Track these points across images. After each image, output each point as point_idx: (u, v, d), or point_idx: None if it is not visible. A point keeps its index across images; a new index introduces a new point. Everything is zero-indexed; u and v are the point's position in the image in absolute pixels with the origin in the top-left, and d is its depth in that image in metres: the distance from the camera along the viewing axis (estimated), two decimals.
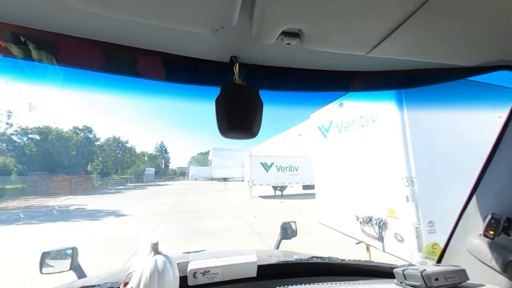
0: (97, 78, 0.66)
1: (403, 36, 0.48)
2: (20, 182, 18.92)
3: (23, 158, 22.66)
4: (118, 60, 0.60)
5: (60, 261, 1.01)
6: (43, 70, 0.61)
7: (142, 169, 41.46)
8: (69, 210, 10.68)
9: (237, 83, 0.61)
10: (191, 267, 0.75)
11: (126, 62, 0.61)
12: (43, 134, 25.24)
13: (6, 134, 19.96)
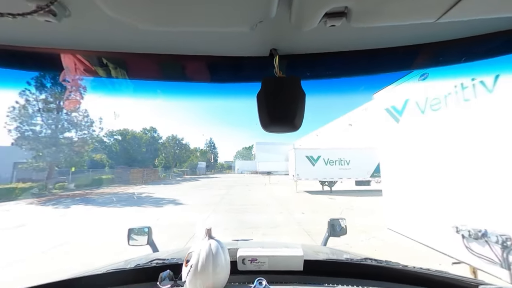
0: (157, 86, 0.78)
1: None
2: (110, 174, 24.41)
3: (111, 154, 29.15)
4: (171, 68, 0.69)
5: (140, 236, 1.26)
6: (119, 84, 0.76)
7: (195, 163, 46.77)
8: (142, 196, 13.12)
9: (278, 76, 0.60)
10: (240, 253, 0.81)
11: (177, 69, 0.69)
12: (123, 135, 31.69)
13: (99, 136, 26.15)
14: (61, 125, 17.84)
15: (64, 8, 0.43)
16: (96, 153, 26.02)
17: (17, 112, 15.87)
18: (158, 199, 11.71)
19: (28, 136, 16.15)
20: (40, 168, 17.07)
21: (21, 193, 13.62)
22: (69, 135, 18.39)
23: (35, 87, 16.01)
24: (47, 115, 17.14)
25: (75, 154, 18.64)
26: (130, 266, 0.84)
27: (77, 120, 18.80)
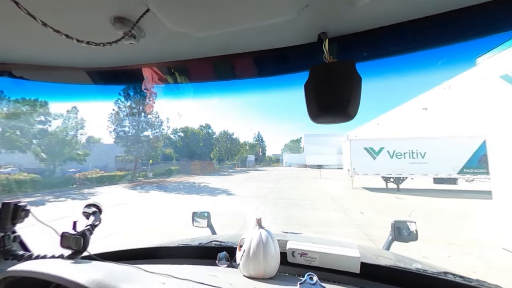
0: (210, 87, 0.86)
1: None
2: (176, 165, 28.85)
3: (176, 149, 34.37)
4: (222, 68, 0.74)
5: (201, 219, 1.45)
6: (181, 88, 0.87)
7: (245, 156, 49.49)
8: (200, 186, 14.94)
9: (328, 62, 0.55)
10: (289, 246, 0.81)
11: (227, 68, 0.73)
12: (184, 132, 36.70)
13: (167, 134, 31.28)
14: (141, 125, 22.28)
15: (141, 30, 0.53)
16: (166, 148, 31.34)
17: (113, 117, 20.78)
18: (213, 189, 13.09)
19: (121, 136, 20.99)
20: (129, 160, 22.02)
21: (119, 179, 17.97)
22: (146, 133, 22.81)
23: (124, 97, 20.46)
24: (132, 118, 21.72)
25: (151, 149, 23.01)
26: (195, 244, 0.98)
27: (152, 121, 23.03)
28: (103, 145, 25.97)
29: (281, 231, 1.07)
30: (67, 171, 17.37)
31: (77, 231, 0.75)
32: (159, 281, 0.62)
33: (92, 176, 16.34)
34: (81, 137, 19.87)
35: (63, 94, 0.95)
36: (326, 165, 35.71)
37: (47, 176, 15.28)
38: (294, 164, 46.60)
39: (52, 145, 16.14)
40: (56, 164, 16.63)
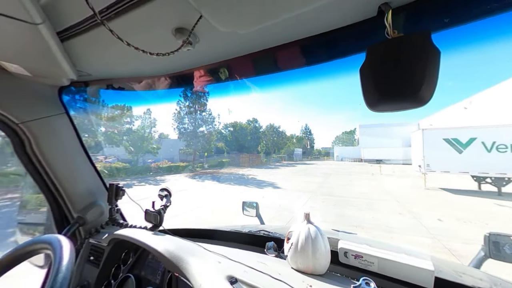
0: (257, 81, 0.87)
1: None
2: (227, 158, 31.27)
3: (227, 143, 37.17)
4: (268, 62, 0.74)
5: (250, 209, 1.54)
6: (231, 86, 0.93)
7: (292, 149, 48.67)
8: (248, 178, 15.68)
9: (392, 38, 0.46)
10: (341, 245, 0.76)
11: (273, 61, 0.73)
12: (234, 127, 39.18)
13: (219, 129, 34.26)
14: (197, 122, 25.16)
15: (196, 36, 0.59)
16: (218, 142, 34.40)
17: (176, 116, 24.25)
18: (260, 181, 13.54)
19: (182, 132, 24.35)
20: (189, 153, 25.39)
21: (182, 169, 21.03)
22: (202, 129, 25.63)
23: (183, 98, 23.48)
24: (190, 116, 24.80)
25: (206, 143, 25.77)
26: (245, 231, 1.05)
27: (205, 118, 25.66)
28: (170, 140, 30.80)
29: (331, 229, 1.01)
30: (146, 161, 21.62)
31: (155, 209, 0.93)
32: (215, 259, 0.70)
33: (163, 166, 19.80)
34: (154, 134, 24.23)
35: (141, 99, 1.17)
36: (387, 159, 30.90)
37: (133, 165, 19.47)
38: (347, 158, 42.54)
39: (135, 140, 20.35)
40: (139, 156, 20.94)
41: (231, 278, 0.59)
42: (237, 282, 0.59)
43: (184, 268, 0.63)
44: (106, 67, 0.83)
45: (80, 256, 0.95)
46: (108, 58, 0.76)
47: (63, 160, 0.97)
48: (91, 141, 14.79)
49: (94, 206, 1.03)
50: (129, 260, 0.84)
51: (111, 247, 0.87)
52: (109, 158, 19.84)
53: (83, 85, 0.98)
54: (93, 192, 1.06)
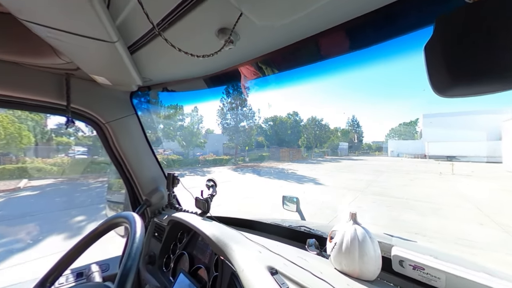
0: (296, 73, 0.84)
1: None
2: (267, 152, 31.64)
3: (267, 137, 37.53)
4: (309, 51, 0.70)
5: (290, 204, 1.53)
6: (270, 80, 0.92)
7: (336, 143, 45.26)
8: (288, 172, 15.48)
9: (473, 1, 0.36)
10: (396, 252, 0.67)
11: (315, 50, 0.68)
12: (273, 121, 39.13)
13: (259, 123, 34.86)
14: (239, 117, 26.29)
15: (237, 34, 0.61)
16: (258, 136, 35.16)
17: (220, 112, 25.94)
18: (301, 176, 13.19)
19: (225, 127, 25.93)
20: (232, 147, 26.92)
21: (226, 162, 22.55)
22: (243, 124, 26.68)
23: (225, 95, 24.86)
24: (232, 112, 26.10)
25: (247, 137, 26.74)
26: (285, 225, 1.06)
27: (246, 113, 26.53)
28: (215, 135, 33.35)
29: (383, 233, 0.90)
30: (195, 154, 24.14)
31: (203, 198, 1.03)
32: (256, 249, 0.73)
33: (209, 158, 21.71)
34: (201, 129, 26.63)
35: (190, 98, 1.30)
36: (463, 156, 25.03)
37: (185, 157, 22.06)
38: (405, 154, 36.67)
39: (186, 135, 22.89)
40: (189, 149, 23.53)
41: (272, 269, 0.61)
42: (277, 273, 0.60)
43: (228, 253, 0.69)
44: (162, 72, 0.95)
45: (148, 232, 1.15)
46: (163, 65, 0.87)
47: (134, 152, 1.18)
48: (153, 137, 17.50)
49: (157, 191, 1.23)
50: (184, 240, 0.97)
51: (170, 227, 1.03)
52: (166, 151, 23.04)
53: (146, 89, 1.16)
54: (156, 180, 1.26)
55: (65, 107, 0.92)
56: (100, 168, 13.29)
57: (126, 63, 0.72)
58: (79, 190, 9.29)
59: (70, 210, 6.23)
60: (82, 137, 17.43)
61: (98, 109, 1.04)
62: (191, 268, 0.83)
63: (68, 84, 0.91)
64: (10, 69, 0.79)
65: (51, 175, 11.80)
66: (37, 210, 6.18)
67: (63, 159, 14.07)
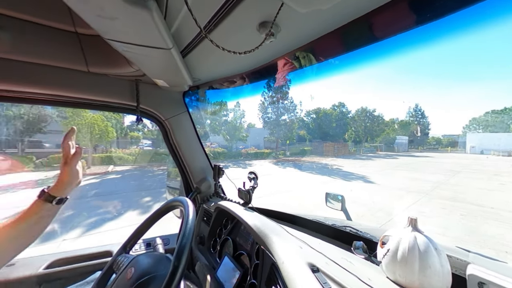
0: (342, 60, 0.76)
1: None
2: (309, 146, 30.33)
3: (309, 130, 35.86)
4: (357, 34, 0.62)
5: (334, 201, 1.44)
6: (313, 70, 0.87)
7: (392, 137, 39.28)
8: (332, 168, 14.46)
9: None
10: (474, 271, 0.55)
11: (365, 31, 0.60)
12: (316, 113, 36.98)
13: (301, 116, 33.51)
14: (279, 111, 26.04)
15: (278, 26, 0.59)
16: (300, 130, 34.03)
17: (261, 107, 26.27)
18: (347, 173, 12.14)
19: (266, 121, 26.16)
20: (273, 140, 27.03)
21: (267, 156, 22.90)
22: (284, 117, 26.32)
23: (266, 88, 24.86)
24: (273, 106, 26.04)
25: (288, 131, 26.30)
26: (328, 223, 1.00)
27: (287, 106, 25.99)
28: (256, 129, 34.15)
29: (455, 246, 0.75)
30: (238, 147, 25.41)
31: (245, 189, 1.08)
32: (297, 244, 0.72)
33: (250, 152, 22.50)
34: (243, 124, 27.68)
35: (233, 95, 1.36)
36: None
37: (229, 150, 23.53)
38: (493, 151, 28.72)
39: (230, 130, 24.28)
40: (233, 143, 24.94)
41: (313, 266, 0.60)
42: (318, 271, 0.58)
43: (268, 244, 0.71)
44: (208, 71, 1.03)
45: (198, 216, 1.30)
46: (209, 64, 0.93)
47: (187, 145, 1.33)
48: (202, 131, 19.35)
49: (205, 181, 1.37)
50: (228, 226, 1.05)
51: (216, 213, 1.13)
52: (213, 144, 25.10)
53: (196, 89, 1.28)
54: (204, 170, 1.40)
55: (135, 107, 1.11)
56: (161, 158, 15.73)
57: (180, 66, 0.81)
58: (146, 176, 11.24)
59: (140, 191, 7.63)
60: (148, 132, 20.96)
61: (159, 108, 1.22)
62: (235, 253, 0.90)
63: (138, 88, 1.10)
64: (99, 80, 1.01)
65: (127, 162, 14.68)
66: (119, 189, 7.83)
67: (135, 150, 17.32)
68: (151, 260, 0.64)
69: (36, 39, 0.73)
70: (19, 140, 15.22)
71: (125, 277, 0.60)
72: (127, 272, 0.61)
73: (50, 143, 17.68)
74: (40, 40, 0.74)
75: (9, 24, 0.67)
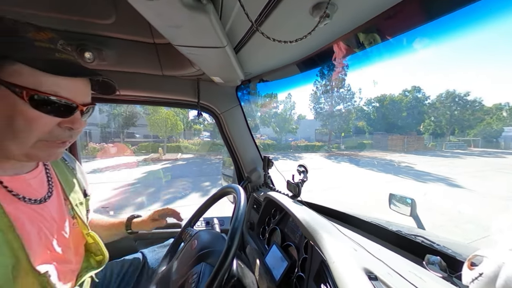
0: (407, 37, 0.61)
1: None
2: (369, 139, 26.61)
3: (370, 121, 31.29)
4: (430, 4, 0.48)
5: (401, 205, 1.23)
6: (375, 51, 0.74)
7: (497, 129, 29.31)
8: (400, 166, 12.22)
9: None
10: None
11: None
12: (380, 101, 31.74)
13: (359, 106, 29.39)
14: (334, 101, 23.83)
15: (334, 5, 0.53)
16: (358, 121, 30.22)
17: (312, 97, 24.75)
18: (421, 173, 10.03)
19: (318, 112, 24.54)
20: (325, 133, 25.24)
21: (318, 149, 21.70)
22: (339, 107, 23.94)
23: (319, 77, 23.11)
24: (326, 95, 24.05)
25: (343, 122, 23.88)
26: (391, 229, 0.87)
27: (343, 95, 23.44)
28: (307, 121, 32.69)
29: None
30: (287, 140, 25.16)
31: (294, 182, 1.07)
32: (351, 245, 0.67)
33: (300, 144, 21.84)
34: (293, 115, 26.98)
35: (283, 86, 1.34)
36: None
37: (278, 142, 23.62)
38: None
39: (279, 122, 24.21)
40: (282, 135, 24.86)
41: (370, 273, 0.54)
42: (377, 280, 0.52)
43: (318, 240, 0.69)
44: (259, 64, 1.04)
45: (249, 203, 1.39)
46: (260, 57, 0.95)
47: (239, 137, 1.42)
48: (252, 123, 20.18)
49: (255, 171, 1.44)
50: (277, 216, 1.08)
51: (265, 203, 1.17)
52: (263, 136, 25.78)
53: (247, 83, 1.33)
54: (255, 161, 1.46)
55: (197, 103, 1.27)
56: (217, 148, 17.54)
57: (233, 62, 0.86)
58: (205, 164, 12.79)
59: (201, 177, 8.78)
60: (207, 125, 23.63)
61: (216, 103, 1.34)
62: (282, 243, 0.92)
63: (198, 86, 1.24)
64: (170, 81, 1.20)
65: (191, 151, 17.14)
66: (185, 174, 9.26)
67: (197, 140, 19.99)
68: (210, 237, 0.74)
69: (127, 53, 0.94)
70: (121, 131, 20.23)
71: (191, 247, 0.72)
72: (191, 243, 0.73)
73: (139, 134, 22.60)
74: (130, 53, 0.94)
75: (113, 44, 0.88)
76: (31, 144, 0.46)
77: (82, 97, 0.51)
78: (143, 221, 0.92)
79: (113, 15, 0.75)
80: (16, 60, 0.42)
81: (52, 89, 0.45)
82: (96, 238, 0.69)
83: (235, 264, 0.61)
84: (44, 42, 0.46)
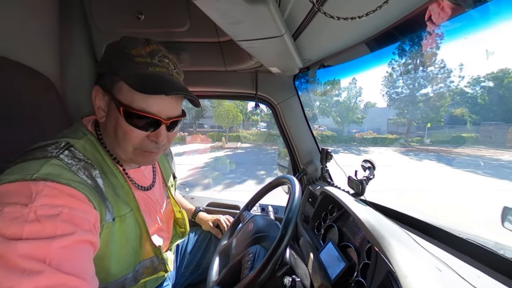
0: None
1: None
2: (474, 132, 19.95)
3: (475, 108, 23.19)
4: None
5: None
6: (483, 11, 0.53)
7: None
8: None
9: None
10: None
11: None
12: (496, 79, 22.81)
13: (459, 87, 22.16)
14: (417, 83, 19.05)
15: None
16: (455, 108, 23.08)
17: (386, 80, 20.67)
18: None
19: (394, 98, 20.36)
20: (402, 123, 20.81)
21: (390, 142, 18.27)
22: (424, 91, 19.03)
23: (398, 55, 18.87)
24: (406, 77, 19.50)
25: (430, 110, 18.86)
26: (497, 251, 0.64)
27: (433, 74, 18.32)
28: (377, 109, 27.93)
29: None
30: (350, 131, 22.48)
31: (358, 178, 0.96)
32: (433, 263, 0.54)
33: (367, 136, 19.01)
34: (359, 103, 23.60)
35: (348, 70, 1.18)
36: None
37: (339, 134, 21.47)
38: None
39: (342, 111, 21.81)
40: (344, 126, 22.39)
41: None
42: None
43: (385, 247, 0.60)
44: (320, 49, 0.96)
45: (304, 195, 1.36)
46: (320, 41, 0.86)
47: (296, 128, 1.39)
48: (310, 113, 19.15)
49: (311, 163, 1.38)
50: (334, 213, 1.01)
51: (322, 197, 1.11)
52: (321, 127, 24.11)
53: (306, 70, 1.26)
54: (311, 153, 1.40)
55: (254, 95, 1.31)
56: (273, 138, 17.87)
57: (291, 50, 0.82)
58: (262, 153, 13.33)
59: (257, 165, 9.25)
60: (264, 115, 24.32)
61: (273, 93, 1.35)
62: (340, 243, 0.85)
63: (256, 78, 1.28)
64: (231, 75, 1.29)
65: (249, 141, 18.25)
66: (244, 162, 10.01)
67: (255, 131, 21.03)
68: (265, 222, 0.78)
69: (198, 54, 1.07)
70: (193, 122, 23.93)
71: (247, 228, 0.79)
72: (248, 225, 0.80)
73: (207, 125, 26.01)
74: (200, 54, 1.08)
75: (187, 47, 1.02)
76: (130, 151, 0.53)
77: (168, 112, 0.53)
78: (205, 220, 1.13)
79: (188, 23, 0.87)
80: (120, 77, 0.48)
81: (141, 105, 0.49)
82: (184, 214, 0.88)
83: (288, 252, 0.62)
84: (143, 57, 0.50)
